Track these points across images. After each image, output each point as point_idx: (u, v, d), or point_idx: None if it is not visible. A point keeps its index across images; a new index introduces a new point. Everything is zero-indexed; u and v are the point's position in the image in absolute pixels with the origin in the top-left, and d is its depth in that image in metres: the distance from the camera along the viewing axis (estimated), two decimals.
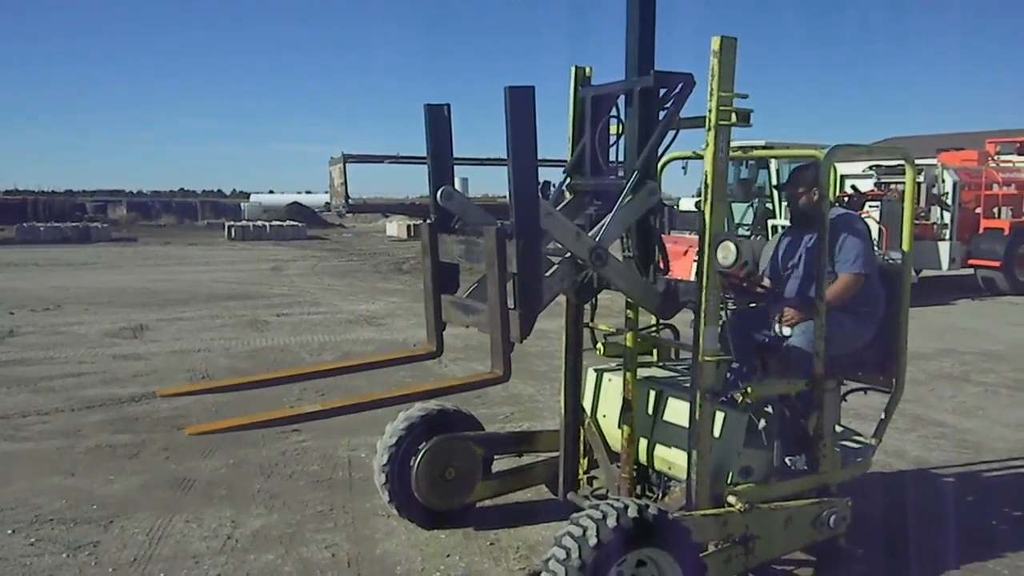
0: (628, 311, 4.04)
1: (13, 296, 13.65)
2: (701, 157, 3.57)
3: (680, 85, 3.46)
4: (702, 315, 3.37)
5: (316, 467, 5.38)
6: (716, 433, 3.58)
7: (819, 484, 3.87)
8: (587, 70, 4.01)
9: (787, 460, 3.86)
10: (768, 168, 14.13)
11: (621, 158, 3.75)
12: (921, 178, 15.39)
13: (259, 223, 34.18)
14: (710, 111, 3.29)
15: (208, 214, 46.15)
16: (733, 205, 15.06)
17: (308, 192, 55.24)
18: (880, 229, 14.21)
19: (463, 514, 4.44)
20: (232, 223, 34.03)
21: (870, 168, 16.42)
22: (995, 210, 15.24)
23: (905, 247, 4.15)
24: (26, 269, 18.67)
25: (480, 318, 3.40)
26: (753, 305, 4.28)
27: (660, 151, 3.53)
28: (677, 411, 3.79)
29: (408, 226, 33.14)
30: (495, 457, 4.60)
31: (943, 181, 15.07)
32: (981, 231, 15.00)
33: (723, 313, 3.85)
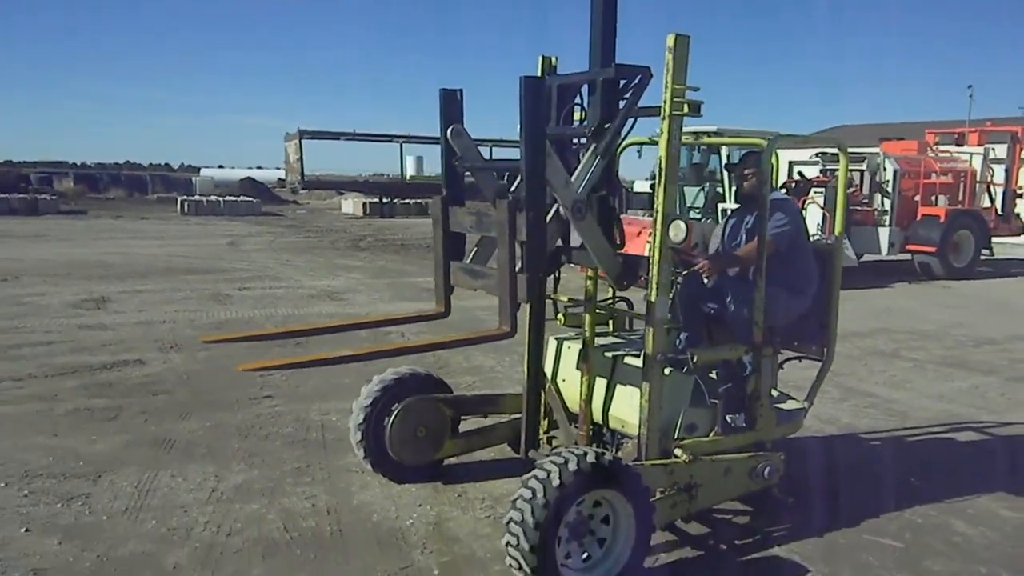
0: (588, 284, 4.42)
1: None
2: (655, 143, 3.94)
3: (639, 77, 3.81)
4: (654, 286, 3.74)
5: (290, 429, 5.67)
6: (665, 393, 3.96)
7: (756, 440, 4.33)
8: (553, 60, 4.35)
9: (728, 418, 4.27)
10: (719, 154, 14.64)
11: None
12: (864, 166, 16.08)
13: (212, 198, 33.82)
14: (665, 102, 3.63)
15: (159, 188, 45.41)
16: (685, 188, 15.54)
17: (260, 167, 54.75)
18: (824, 214, 14.83)
19: (432, 470, 4.79)
20: (185, 198, 33.62)
21: (816, 155, 17.06)
22: (933, 198, 15.98)
23: (837, 230, 4.60)
24: None
25: (488, 281, 3.87)
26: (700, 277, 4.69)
27: (622, 137, 3.90)
28: (629, 375, 4.17)
29: (364, 203, 33.17)
30: (462, 418, 4.92)
31: (884, 169, 15.74)
32: (919, 218, 15.73)
33: (674, 286, 4.28)
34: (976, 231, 16.05)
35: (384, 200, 32.86)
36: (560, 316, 4.60)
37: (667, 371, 3.96)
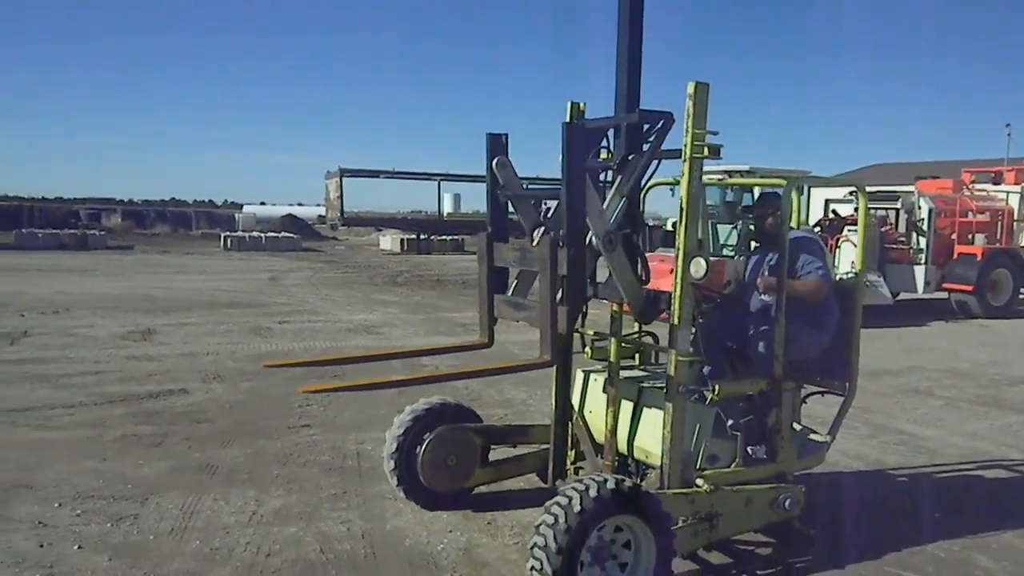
0: (612, 317, 4.59)
1: (21, 299, 14.09)
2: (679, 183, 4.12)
3: (662, 122, 4.01)
4: (676, 319, 3.90)
5: (327, 457, 5.88)
6: (687, 425, 4.08)
7: (777, 472, 4.42)
8: (581, 105, 4.58)
9: (749, 450, 4.38)
10: (752, 192, 14.77)
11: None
12: (899, 204, 16.08)
13: (254, 234, 34.62)
14: (685, 145, 3.83)
15: (203, 224, 46.58)
16: (719, 226, 15.67)
17: (300, 204, 55.82)
18: None
19: (462, 498, 4.95)
20: (227, 234, 34.45)
21: (850, 194, 17.09)
22: (969, 236, 15.91)
23: (857, 266, 4.73)
24: (29, 274, 19.08)
25: (530, 313, 4.12)
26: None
27: (645, 178, 4.10)
28: (654, 406, 4.30)
29: (402, 240, 33.70)
30: (492, 447, 5.07)
31: (920, 208, 15.71)
32: (955, 256, 15.63)
33: (698, 320, 4.42)
34: (1014, 269, 15.90)
35: (421, 236, 33.38)
36: (588, 349, 4.75)
37: (690, 403, 4.08)
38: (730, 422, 4.35)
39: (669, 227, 18.65)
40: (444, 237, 34.65)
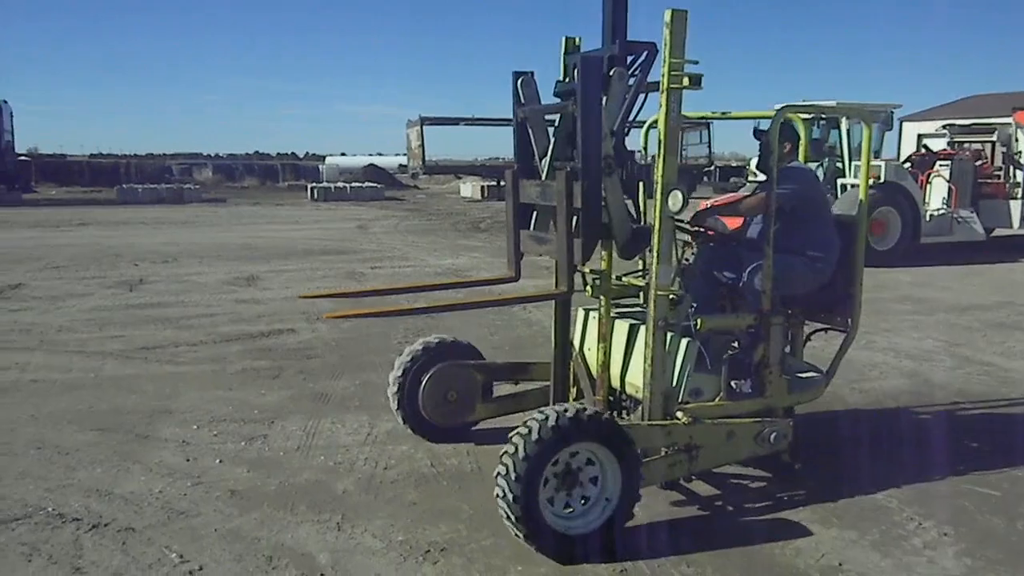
0: (603, 254, 4.34)
1: (133, 250, 15.05)
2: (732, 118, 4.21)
3: (645, 53, 4.07)
4: (656, 254, 3.90)
5: None
6: (670, 358, 4.13)
7: (766, 406, 4.41)
8: (576, 40, 4.49)
9: (733, 384, 4.35)
10: (839, 128, 14.53)
11: None
12: (994, 137, 15.57)
13: (339, 184, 35.45)
14: (663, 76, 3.74)
15: (288, 176, 47.82)
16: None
17: (380, 154, 56.61)
18: (950, 188, 14.53)
19: (465, 431, 5.11)
20: (314, 184, 35.38)
21: (943, 128, 16.60)
22: None
23: (862, 196, 4.65)
24: (136, 227, 20.20)
25: (550, 247, 4.24)
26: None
27: (634, 112, 4.17)
28: (642, 341, 4.20)
29: (482, 187, 33.97)
30: (494, 384, 5.14)
31: (1017, 140, 15.19)
32: None
33: (685, 255, 4.51)
34: None
35: (501, 183, 33.50)
36: (588, 287, 4.45)
37: (672, 336, 4.11)
38: (718, 356, 4.35)
39: (753, 167, 18.51)
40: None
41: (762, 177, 4.69)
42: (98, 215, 23.52)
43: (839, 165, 14.52)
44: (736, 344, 4.51)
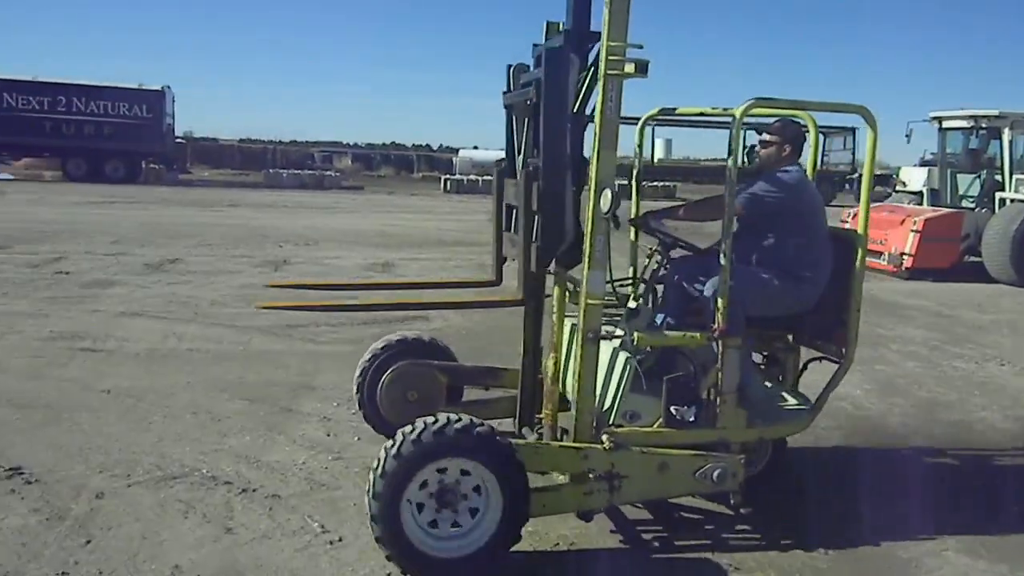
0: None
1: (278, 232, 15.83)
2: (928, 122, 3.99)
3: (596, 43, 3.61)
4: (587, 260, 3.49)
5: None
6: (603, 374, 3.74)
7: (719, 438, 3.87)
8: (559, 25, 3.96)
9: (673, 410, 3.83)
10: (1000, 138, 13.65)
11: None
12: None
13: (472, 177, 36.05)
14: (600, 60, 3.36)
15: (423, 167, 49.13)
16: (959, 176, 14.66)
17: None
18: None
19: None
20: (447, 176, 36.19)
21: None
22: None
23: (860, 221, 4.06)
24: (279, 210, 21.25)
25: (518, 250, 3.94)
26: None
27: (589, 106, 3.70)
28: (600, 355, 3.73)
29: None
30: (465, 387, 4.95)
31: None
32: None
33: (664, 266, 4.26)
34: None
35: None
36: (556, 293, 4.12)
37: (611, 350, 3.79)
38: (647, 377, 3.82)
39: (902, 177, 17.64)
40: (655, 183, 34.42)
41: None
42: (247, 197, 24.89)
43: (998, 178, 13.65)
44: (674, 365, 3.90)
